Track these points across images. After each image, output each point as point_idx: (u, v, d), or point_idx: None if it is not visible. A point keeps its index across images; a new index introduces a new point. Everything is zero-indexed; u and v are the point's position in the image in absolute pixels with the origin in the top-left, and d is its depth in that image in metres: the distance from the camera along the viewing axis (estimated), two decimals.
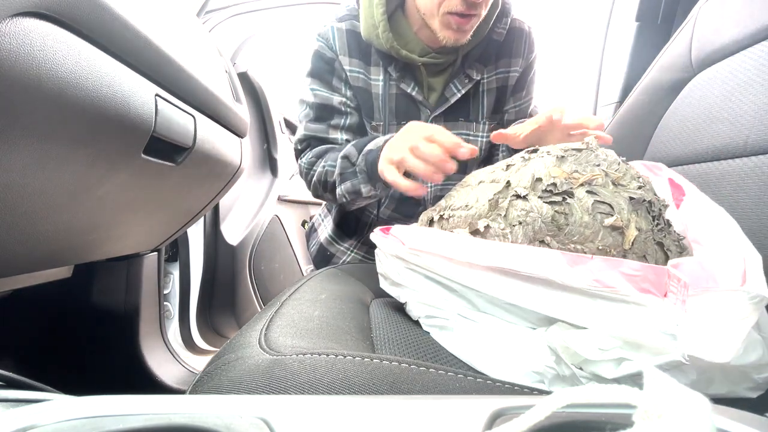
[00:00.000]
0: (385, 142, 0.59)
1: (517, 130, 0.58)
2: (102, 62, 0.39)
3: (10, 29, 0.29)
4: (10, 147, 0.34)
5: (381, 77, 0.73)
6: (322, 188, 0.72)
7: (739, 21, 0.50)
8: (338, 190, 0.67)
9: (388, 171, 0.54)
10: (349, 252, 0.88)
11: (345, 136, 0.76)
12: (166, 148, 0.55)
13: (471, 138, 0.77)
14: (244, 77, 1.35)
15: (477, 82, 0.74)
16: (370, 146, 0.62)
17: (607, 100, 1.11)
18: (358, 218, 0.86)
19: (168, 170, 0.57)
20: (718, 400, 0.17)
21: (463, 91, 0.73)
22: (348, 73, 0.72)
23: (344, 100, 0.74)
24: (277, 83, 1.50)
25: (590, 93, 1.20)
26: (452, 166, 0.50)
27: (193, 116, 0.58)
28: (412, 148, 0.51)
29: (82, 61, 0.36)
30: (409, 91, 0.72)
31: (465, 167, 0.77)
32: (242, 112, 0.78)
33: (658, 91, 0.65)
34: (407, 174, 0.54)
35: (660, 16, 1.01)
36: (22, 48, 0.30)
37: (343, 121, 0.75)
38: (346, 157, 0.65)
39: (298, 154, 0.78)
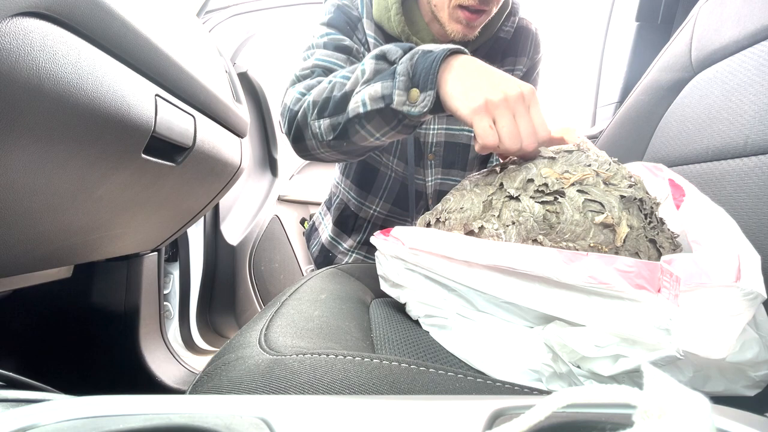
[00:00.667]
0: (451, 52, 0.44)
1: None
2: (102, 62, 0.39)
3: (10, 29, 0.29)
4: (10, 147, 0.34)
5: None
6: (317, 114, 0.52)
7: (739, 21, 0.50)
8: (352, 100, 0.48)
9: (476, 118, 0.40)
10: (350, 253, 0.88)
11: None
12: (166, 148, 0.55)
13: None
14: (244, 77, 1.35)
15: None
16: (427, 47, 0.45)
17: (607, 100, 1.11)
18: (356, 215, 0.86)
19: (168, 170, 0.57)
20: (717, 399, 0.17)
21: None
22: (368, 39, 0.67)
23: (364, 52, 0.67)
24: (277, 83, 1.50)
25: (590, 93, 1.21)
26: (535, 152, 0.41)
27: (193, 116, 0.58)
28: (508, 105, 0.40)
29: (82, 61, 0.36)
30: None
31: (466, 165, 0.77)
32: (242, 112, 0.78)
33: (658, 91, 0.65)
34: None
35: (660, 16, 1.01)
36: (22, 48, 0.30)
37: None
38: (382, 56, 0.47)
39: (289, 89, 0.61)
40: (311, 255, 0.98)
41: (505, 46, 0.74)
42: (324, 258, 0.92)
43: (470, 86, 0.41)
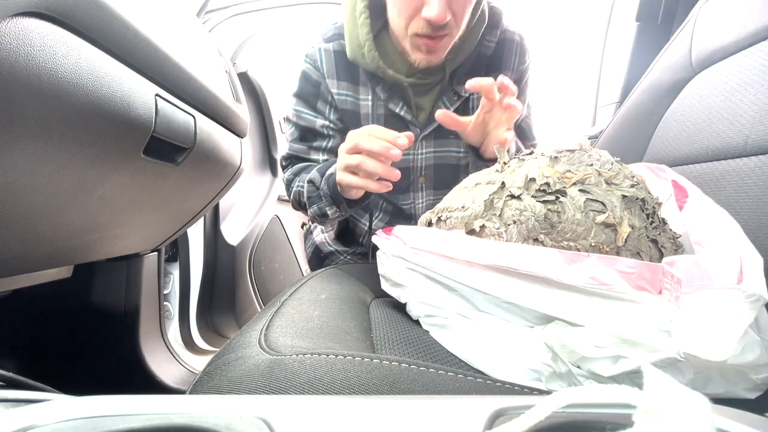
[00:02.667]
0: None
1: (467, 119, 0.60)
2: (102, 62, 0.39)
3: (10, 29, 0.29)
4: (10, 147, 0.34)
5: (369, 97, 0.72)
6: (299, 205, 0.75)
7: (739, 21, 0.50)
8: (309, 211, 0.69)
9: (343, 177, 0.56)
10: (343, 257, 0.89)
11: (325, 157, 0.76)
12: (166, 148, 0.55)
13: (462, 155, 0.76)
14: (244, 77, 1.35)
15: (466, 98, 0.73)
16: (330, 170, 0.63)
17: (607, 100, 1.11)
18: (353, 230, 0.87)
19: (168, 170, 0.57)
20: (717, 401, 0.17)
21: (452, 109, 0.72)
22: (335, 97, 0.72)
23: (327, 123, 0.75)
24: (277, 83, 1.49)
25: (590, 93, 1.21)
26: (396, 153, 0.51)
27: (193, 116, 0.58)
28: (353, 149, 0.53)
29: (82, 61, 0.36)
30: (397, 111, 0.72)
31: (457, 177, 0.77)
32: (242, 112, 0.78)
33: (658, 91, 0.65)
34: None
35: (660, 16, 1.01)
36: (22, 48, 0.30)
37: (324, 143, 0.76)
38: (311, 182, 0.67)
39: (283, 168, 0.81)
40: (306, 255, 1.00)
41: (488, 61, 0.73)
42: (317, 258, 0.93)
43: (337, 169, 0.59)
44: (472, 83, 0.55)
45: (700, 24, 0.58)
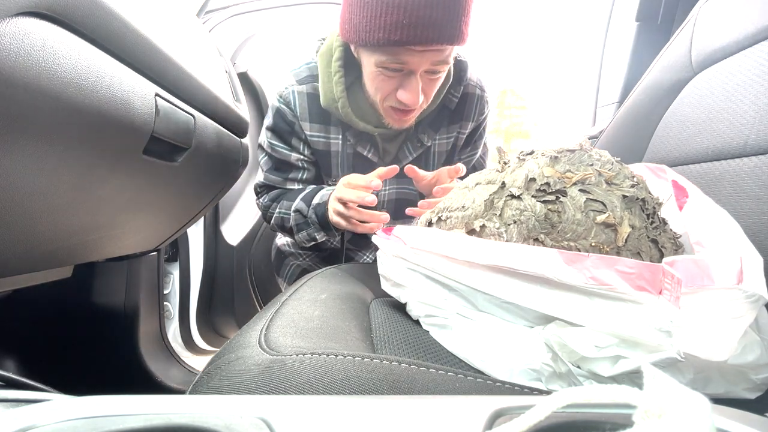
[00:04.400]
0: (330, 195, 0.68)
1: (426, 175, 0.68)
2: (102, 62, 0.39)
3: (10, 29, 0.29)
4: (9, 147, 0.34)
5: (340, 137, 0.76)
6: (281, 229, 0.81)
7: (739, 21, 0.50)
8: (297, 237, 0.76)
9: (334, 218, 0.66)
10: (302, 258, 0.94)
11: (300, 186, 0.80)
12: (166, 148, 0.55)
13: (417, 192, 0.81)
14: (244, 77, 1.35)
15: (428, 146, 0.79)
16: (316, 200, 0.71)
17: (607, 100, 1.11)
18: (319, 247, 0.93)
19: (168, 170, 0.57)
20: (717, 401, 0.17)
21: (415, 155, 0.79)
22: (308, 137, 0.76)
23: (302, 157, 0.78)
24: (277, 83, 1.49)
25: (590, 93, 1.21)
26: (370, 199, 0.60)
27: (193, 116, 0.58)
28: (339, 199, 0.64)
29: (82, 61, 0.36)
30: (365, 153, 0.77)
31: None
32: (242, 112, 0.78)
33: (658, 91, 0.65)
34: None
35: (660, 16, 1.01)
36: (22, 48, 0.30)
37: (300, 175, 0.80)
38: (298, 211, 0.73)
39: (257, 194, 0.85)
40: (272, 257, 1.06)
41: (450, 113, 0.78)
42: (279, 262, 0.99)
43: (331, 210, 0.68)
44: (412, 174, 0.67)
45: (700, 24, 0.58)
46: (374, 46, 0.59)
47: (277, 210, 0.78)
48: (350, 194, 0.62)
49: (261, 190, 0.84)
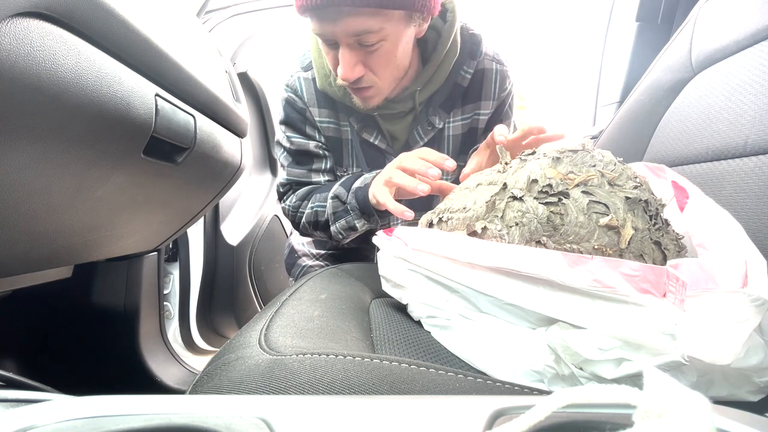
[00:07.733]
0: (374, 177, 0.62)
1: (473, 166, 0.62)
2: (102, 62, 0.39)
3: (10, 29, 0.29)
4: (10, 147, 0.34)
5: (348, 125, 0.73)
6: (313, 228, 0.74)
7: (739, 21, 0.50)
8: (333, 228, 0.69)
9: (380, 192, 0.57)
10: (314, 259, 0.91)
11: (326, 178, 0.76)
12: (166, 148, 0.55)
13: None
14: (244, 77, 1.35)
15: (440, 129, 0.74)
16: (358, 183, 0.65)
17: (607, 100, 1.11)
18: (324, 243, 0.90)
19: (168, 170, 0.57)
20: (718, 402, 0.17)
21: (426, 139, 0.73)
22: (319, 124, 0.73)
23: (320, 143, 0.75)
24: (277, 83, 1.49)
25: (590, 93, 1.21)
26: (435, 172, 0.53)
27: (193, 116, 0.58)
28: (400, 167, 0.56)
29: (82, 61, 0.36)
30: (372, 140, 0.73)
31: (430, 204, 0.77)
32: (242, 112, 0.78)
33: (658, 91, 0.65)
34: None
35: (660, 16, 1.01)
36: (22, 48, 0.30)
37: (323, 164, 0.76)
38: (336, 197, 0.67)
39: (281, 196, 0.80)
40: (284, 257, 1.02)
41: (464, 92, 0.72)
42: (292, 261, 0.95)
43: (375, 181, 0.61)
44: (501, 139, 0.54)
45: (700, 24, 0.58)
46: (300, 16, 0.57)
47: (310, 205, 0.72)
48: (418, 164, 0.55)
49: (285, 189, 0.78)
